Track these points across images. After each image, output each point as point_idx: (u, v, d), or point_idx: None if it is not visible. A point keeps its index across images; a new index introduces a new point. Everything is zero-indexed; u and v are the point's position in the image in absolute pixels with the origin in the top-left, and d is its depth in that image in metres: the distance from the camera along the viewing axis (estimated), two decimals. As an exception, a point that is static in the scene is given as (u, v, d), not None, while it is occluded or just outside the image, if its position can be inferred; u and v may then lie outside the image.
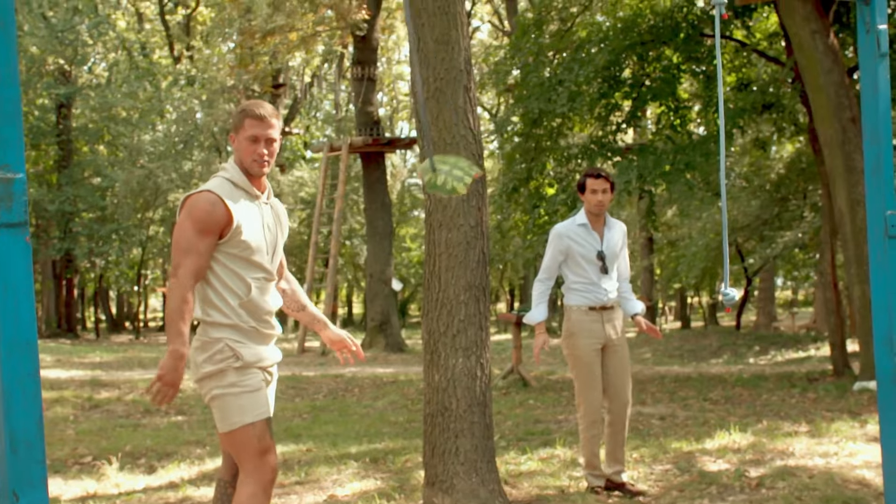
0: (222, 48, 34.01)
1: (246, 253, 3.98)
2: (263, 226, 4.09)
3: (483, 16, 40.44)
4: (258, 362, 4.02)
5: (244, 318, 3.99)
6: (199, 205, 3.92)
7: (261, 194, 4.13)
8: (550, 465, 7.18)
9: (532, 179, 15.58)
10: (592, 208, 6.08)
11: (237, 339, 3.97)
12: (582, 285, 6.07)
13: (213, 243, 3.93)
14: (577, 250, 6.05)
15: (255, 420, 3.95)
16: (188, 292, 3.84)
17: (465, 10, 5.87)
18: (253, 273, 4.02)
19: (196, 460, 7.97)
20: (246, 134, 4.03)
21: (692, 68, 16.26)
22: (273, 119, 4.06)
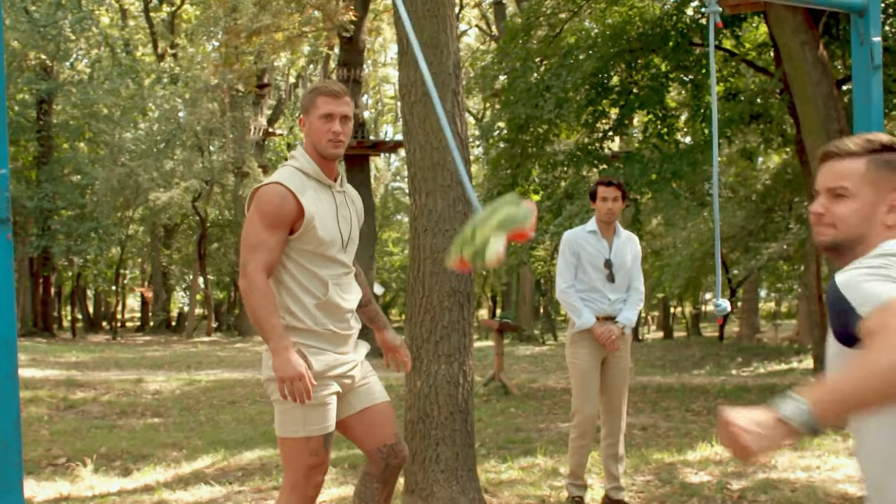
0: (207, 47, 33.86)
1: (321, 248, 3.79)
2: (338, 217, 3.88)
3: (471, 20, 40.43)
4: (329, 371, 3.82)
5: (320, 320, 3.81)
6: (267, 198, 3.72)
7: (334, 182, 3.92)
8: (531, 474, 7.11)
9: (517, 186, 15.51)
10: (603, 216, 6.05)
11: (312, 345, 3.80)
12: (586, 293, 6.02)
13: (283, 238, 3.73)
14: (585, 256, 6.02)
15: (314, 434, 3.79)
16: (266, 287, 3.65)
17: (455, 14, 5.80)
18: (330, 269, 3.83)
19: (172, 463, 7.88)
20: (319, 112, 3.82)
21: (680, 77, 16.25)
22: (346, 96, 3.87)
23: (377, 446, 4.01)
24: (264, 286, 3.66)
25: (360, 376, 4.02)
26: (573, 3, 16.95)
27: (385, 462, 4.02)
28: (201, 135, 31.37)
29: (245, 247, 3.73)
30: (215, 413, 11.51)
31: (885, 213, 2.24)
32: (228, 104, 30.90)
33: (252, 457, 8.17)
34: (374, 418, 4.02)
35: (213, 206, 33.98)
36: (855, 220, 2.26)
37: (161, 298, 37.47)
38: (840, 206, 2.27)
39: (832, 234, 2.29)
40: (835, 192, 2.29)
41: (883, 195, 2.25)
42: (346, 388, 3.95)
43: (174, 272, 38.23)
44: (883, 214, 2.24)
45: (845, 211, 2.27)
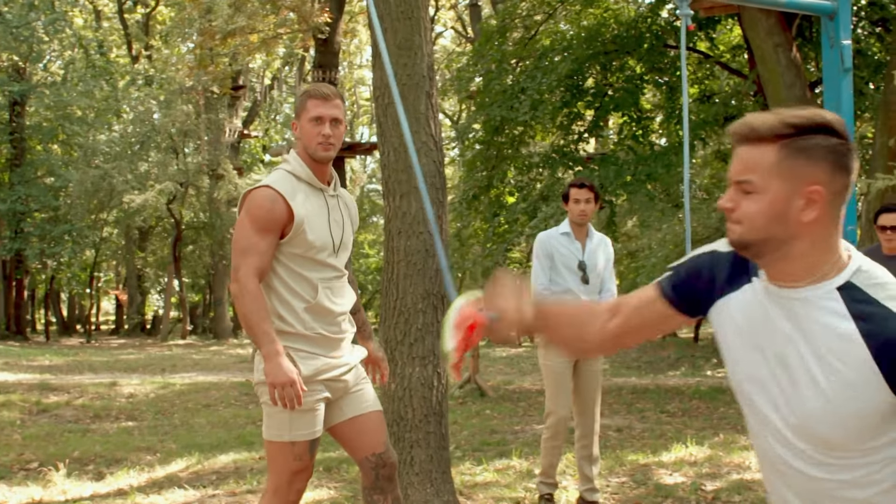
0: (181, 48, 33.73)
1: (311, 252, 3.78)
2: (330, 220, 3.87)
3: (446, 21, 40.43)
4: (319, 375, 3.81)
5: (309, 324, 3.79)
6: (258, 202, 3.73)
7: (326, 186, 3.92)
8: (506, 476, 7.10)
9: (493, 187, 15.53)
10: (576, 218, 6.07)
11: (301, 349, 3.79)
12: (560, 295, 6.03)
13: (274, 242, 3.72)
14: (559, 258, 6.03)
15: (299, 439, 3.79)
16: (257, 291, 3.65)
17: (429, 16, 5.80)
18: (320, 273, 3.82)
19: (146, 467, 7.82)
20: (309, 115, 3.83)
21: (655, 79, 16.33)
22: (337, 99, 3.87)
23: (365, 455, 4.01)
24: (255, 290, 3.66)
25: (353, 381, 4.00)
26: (548, 5, 17.00)
27: (375, 472, 4.01)
28: (176, 137, 31.21)
29: (236, 251, 3.73)
30: (190, 416, 11.45)
31: (801, 209, 1.91)
32: (203, 106, 30.77)
33: (226, 460, 8.13)
34: (363, 426, 4.01)
35: (187, 209, 33.79)
36: (762, 221, 1.93)
37: (136, 301, 37.29)
38: (747, 202, 1.95)
39: (739, 231, 1.99)
40: (743, 187, 1.97)
41: (798, 188, 1.90)
42: (338, 392, 3.94)
43: (149, 275, 38.02)
44: (798, 211, 1.91)
45: (752, 209, 1.95)
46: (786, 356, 1.98)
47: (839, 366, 1.88)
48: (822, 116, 1.91)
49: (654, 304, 2.24)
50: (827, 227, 1.91)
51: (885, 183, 10.26)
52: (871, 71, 15.85)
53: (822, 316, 1.92)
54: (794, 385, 1.97)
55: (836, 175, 1.89)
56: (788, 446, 2.02)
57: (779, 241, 1.94)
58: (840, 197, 1.92)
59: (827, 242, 1.93)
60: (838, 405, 1.89)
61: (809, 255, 1.93)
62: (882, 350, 1.83)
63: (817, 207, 1.89)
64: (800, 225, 1.90)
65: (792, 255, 1.94)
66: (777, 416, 2.03)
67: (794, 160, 1.89)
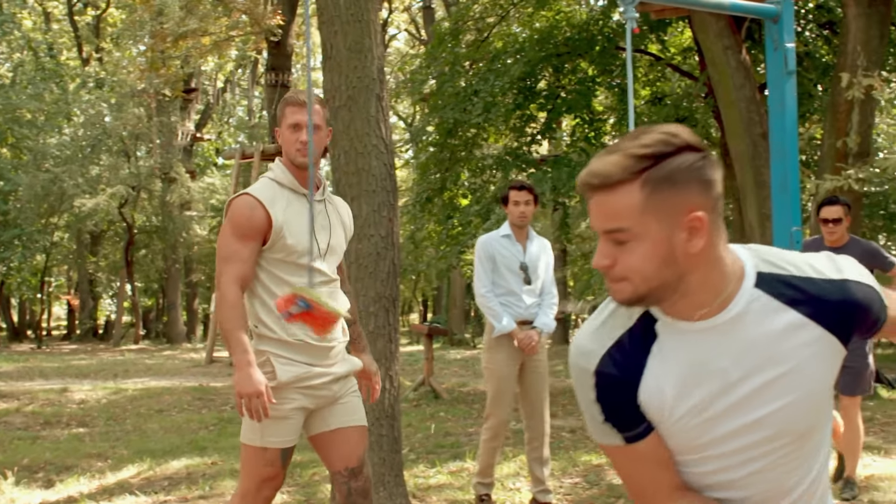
0: (133, 51, 33.42)
1: (292, 257, 3.77)
2: (314, 225, 3.86)
3: (400, 24, 40.41)
4: (298, 382, 3.78)
5: (291, 330, 3.76)
6: (238, 209, 3.74)
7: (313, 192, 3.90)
8: (460, 479, 7.11)
9: (446, 190, 15.54)
10: (516, 220, 6.10)
11: (281, 355, 3.77)
12: (504, 297, 6.05)
13: (256, 249, 3.73)
14: (501, 260, 6.05)
15: (271, 446, 3.77)
16: (235, 299, 3.66)
17: (381, 19, 5.80)
18: (303, 278, 3.80)
19: (97, 474, 7.75)
20: (287, 122, 3.85)
21: (607, 81, 16.42)
22: (315, 105, 3.85)
23: (339, 469, 3.98)
24: (234, 298, 3.66)
25: (340, 392, 3.97)
26: (501, 7, 17.05)
27: (347, 486, 3.98)
28: (128, 140, 30.92)
29: (218, 259, 3.74)
30: (142, 422, 11.34)
31: (687, 241, 1.70)
32: (155, 109, 30.52)
33: (179, 466, 8.07)
34: (342, 440, 3.98)
35: (140, 213, 33.49)
36: (651, 269, 1.72)
37: (88, 306, 36.87)
38: (626, 254, 1.72)
39: (630, 289, 1.76)
40: (615, 237, 1.73)
41: (676, 221, 1.69)
42: (322, 402, 3.91)
43: (101, 279, 37.61)
44: (684, 244, 1.70)
45: (635, 260, 1.72)
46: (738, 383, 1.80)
47: (797, 359, 1.79)
48: (672, 137, 1.71)
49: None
50: (717, 245, 1.74)
51: (833, 183, 10.41)
52: (819, 73, 16.07)
53: (757, 322, 1.78)
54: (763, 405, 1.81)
55: (707, 191, 1.71)
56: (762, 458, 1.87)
57: (674, 283, 1.74)
58: (717, 209, 1.74)
59: (722, 258, 1.76)
60: (810, 394, 1.83)
61: (709, 280, 1.76)
62: (830, 318, 1.79)
63: (702, 233, 1.70)
64: (690, 258, 1.71)
65: (692, 289, 1.75)
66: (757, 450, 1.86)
67: (661, 193, 1.68)
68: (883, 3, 11.60)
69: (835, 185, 10.39)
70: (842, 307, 1.80)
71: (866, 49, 11.46)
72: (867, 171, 10.56)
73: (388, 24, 36.82)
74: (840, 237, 6.28)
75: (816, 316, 1.79)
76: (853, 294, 1.81)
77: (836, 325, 1.80)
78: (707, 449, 1.86)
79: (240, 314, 3.66)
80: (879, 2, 11.53)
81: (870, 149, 11.84)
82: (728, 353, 1.80)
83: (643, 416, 1.86)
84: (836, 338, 1.81)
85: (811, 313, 1.79)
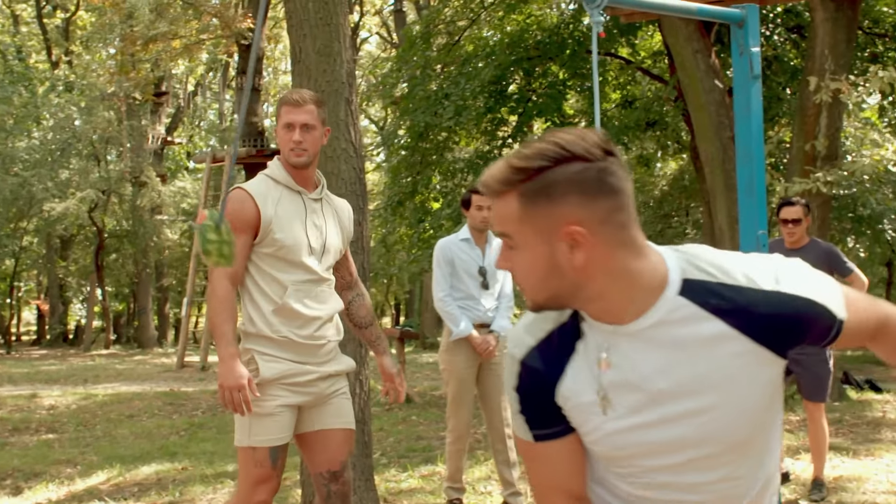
0: (103, 54, 33.22)
1: (281, 252, 3.78)
2: (306, 223, 3.86)
3: (371, 27, 40.38)
4: (283, 379, 3.78)
5: (276, 326, 3.77)
6: (230, 204, 3.74)
7: (304, 189, 3.92)
8: (431, 483, 7.12)
9: (417, 193, 15.55)
10: (477, 224, 6.12)
11: (265, 352, 3.78)
12: (462, 301, 6.07)
13: (246, 243, 3.75)
14: (460, 264, 6.06)
15: (258, 445, 3.76)
16: (224, 293, 3.69)
17: (352, 22, 5.79)
18: (293, 274, 3.80)
19: (66, 480, 7.71)
20: (282, 122, 3.87)
21: (578, 84, 16.48)
22: (310, 104, 3.87)
23: (320, 471, 3.97)
24: (223, 292, 3.70)
25: (328, 391, 3.96)
26: (471, 11, 17.08)
27: (326, 488, 3.97)
28: (98, 144, 30.71)
29: None
30: (112, 427, 11.28)
31: (568, 253, 1.63)
32: (125, 112, 30.33)
33: (149, 471, 8.03)
34: (326, 441, 3.97)
35: (110, 217, 33.26)
36: (535, 279, 1.68)
37: (58, 311, 36.58)
38: (516, 259, 1.69)
39: (527, 294, 1.73)
40: (506, 242, 1.71)
41: (553, 234, 1.63)
42: (311, 400, 3.91)
43: (71, 284, 37.33)
44: (566, 256, 1.63)
45: (521, 269, 1.69)
46: (662, 392, 1.73)
47: (724, 370, 1.70)
48: (556, 148, 1.62)
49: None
50: (614, 256, 1.64)
51: (802, 186, 10.48)
52: (788, 77, 16.20)
53: (681, 330, 1.69)
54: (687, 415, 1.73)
55: (591, 203, 1.62)
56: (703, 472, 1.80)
57: (570, 292, 1.68)
58: (611, 220, 1.63)
59: (627, 268, 1.66)
60: (740, 405, 1.73)
61: (615, 288, 1.67)
62: (759, 330, 1.68)
63: (584, 247, 1.62)
64: (577, 270, 1.64)
65: (596, 297, 1.68)
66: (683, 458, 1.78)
67: (536, 205, 1.63)
68: (850, 8, 11.69)
69: (804, 188, 10.46)
70: (772, 320, 1.68)
71: (834, 53, 11.55)
72: (835, 173, 10.64)
73: (359, 27, 36.78)
74: (800, 238, 6.33)
75: (744, 327, 1.68)
76: (785, 307, 1.69)
77: (767, 338, 1.70)
78: (634, 459, 1.80)
79: (227, 308, 3.69)
80: (846, 6, 11.62)
81: (838, 152, 11.93)
82: (650, 361, 1.71)
83: (561, 418, 1.82)
84: (769, 350, 1.71)
85: (738, 324, 1.68)
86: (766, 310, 1.68)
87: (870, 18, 15.62)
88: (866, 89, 10.81)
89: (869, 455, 7.82)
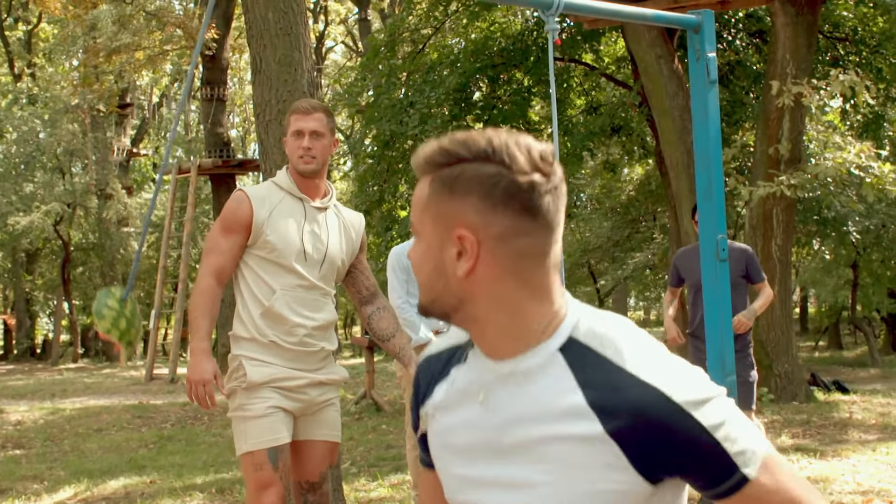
0: (66, 66, 32.98)
1: (273, 255, 3.78)
2: (302, 230, 3.85)
3: (337, 36, 40.35)
4: (272, 382, 3.77)
5: (263, 330, 3.78)
6: (227, 204, 3.83)
7: (308, 198, 3.92)
8: (401, 492, 7.11)
9: (385, 202, 15.55)
10: None
11: (252, 356, 3.78)
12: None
13: (238, 244, 3.79)
14: None
15: (255, 449, 3.74)
16: (206, 288, 3.74)
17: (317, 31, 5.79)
18: (283, 278, 3.80)
19: (33, 496, 7.64)
20: (291, 130, 3.89)
21: (542, 91, 16.54)
22: (319, 112, 3.89)
23: (299, 480, 3.98)
24: (205, 287, 3.75)
25: (319, 399, 3.96)
26: (436, 19, 17.11)
27: (304, 497, 3.98)
28: (62, 156, 30.48)
29: (204, 250, 3.85)
30: (81, 442, 11.18)
31: (454, 258, 1.44)
32: (90, 125, 30.12)
33: (117, 485, 7.97)
34: (310, 452, 3.98)
35: (76, 230, 33.02)
36: (423, 274, 1.51)
37: (24, 325, 36.25)
38: (416, 247, 1.52)
39: (419, 293, 1.55)
40: (412, 228, 1.54)
41: (446, 230, 1.45)
42: (302, 407, 3.90)
43: (38, 298, 37.02)
44: (452, 261, 1.45)
45: (416, 258, 1.52)
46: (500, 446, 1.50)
47: (564, 448, 1.42)
48: (482, 141, 1.44)
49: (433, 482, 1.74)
50: (503, 282, 1.44)
51: (767, 190, 10.56)
52: (751, 81, 16.34)
53: (543, 389, 1.46)
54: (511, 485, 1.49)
55: (490, 213, 1.41)
56: None
57: (451, 303, 1.49)
58: (511, 242, 1.42)
59: (513, 302, 1.45)
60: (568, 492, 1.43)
61: (496, 320, 1.47)
62: (618, 427, 1.39)
63: (470, 257, 1.43)
64: (462, 282, 1.45)
65: (473, 319, 1.49)
66: None
67: (440, 196, 1.45)
68: (810, 13, 11.82)
69: (768, 192, 10.55)
70: (639, 420, 1.38)
71: (795, 57, 11.67)
72: (799, 176, 10.73)
73: (324, 36, 36.74)
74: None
75: (606, 417, 1.40)
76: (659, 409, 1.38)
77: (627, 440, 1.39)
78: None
79: (207, 303, 3.73)
80: (807, 11, 11.75)
81: (801, 155, 12.04)
82: (503, 408, 1.49)
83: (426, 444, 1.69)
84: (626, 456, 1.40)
85: (601, 409, 1.40)
86: (633, 403, 1.39)
87: (830, 23, 15.78)
88: (828, 93, 10.92)
89: (836, 456, 7.89)
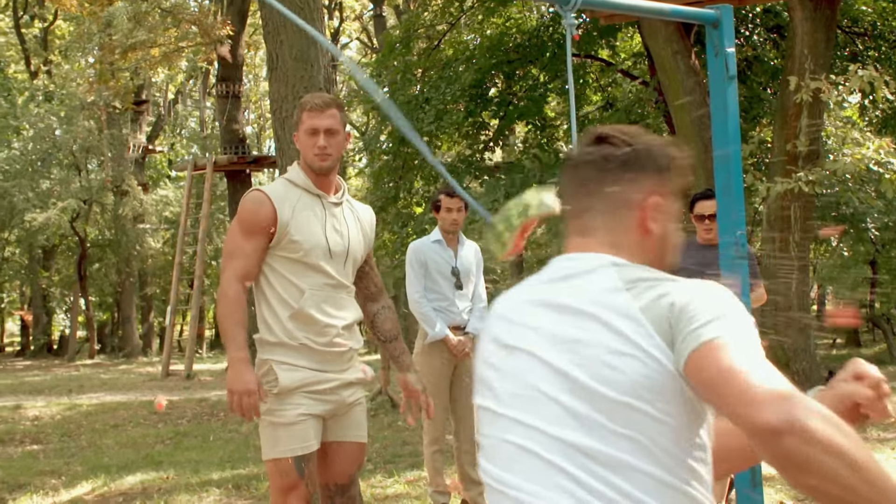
0: (82, 63, 33.08)
1: (299, 255, 3.70)
2: (325, 227, 3.79)
3: (352, 33, 40.36)
4: (303, 387, 3.71)
5: (293, 333, 3.70)
6: (245, 205, 3.72)
7: (325, 194, 3.85)
8: (417, 488, 7.10)
9: (400, 198, 15.54)
10: (448, 226, 6.15)
11: (282, 360, 3.70)
12: (437, 302, 6.08)
13: (261, 246, 3.69)
14: (433, 265, 6.09)
15: (282, 456, 3.69)
16: (235, 295, 3.63)
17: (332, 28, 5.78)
18: (311, 278, 3.73)
19: (51, 491, 7.66)
20: (304, 127, 3.80)
21: (558, 87, 16.50)
22: (333, 108, 3.81)
23: (327, 482, 3.93)
24: (234, 295, 3.64)
25: (349, 400, 3.91)
26: (451, 15, 17.08)
27: (331, 500, 3.94)
28: (78, 153, 30.59)
29: (224, 254, 3.76)
30: (97, 437, 11.22)
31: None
32: (106, 122, 30.24)
33: (134, 481, 7.99)
34: (339, 454, 3.92)
35: (92, 226, 33.13)
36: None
37: (41, 322, 36.41)
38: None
39: None
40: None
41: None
42: (333, 408, 3.84)
43: (54, 294, 37.17)
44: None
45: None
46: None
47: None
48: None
49: None
50: None
51: (784, 187, 10.50)
52: (768, 77, 16.25)
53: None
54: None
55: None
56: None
57: None
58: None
59: None
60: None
61: None
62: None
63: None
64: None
65: None
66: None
67: None
68: (828, 7, 11.74)
69: (786, 188, 10.49)
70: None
71: (813, 52, 11.59)
72: (817, 173, 10.66)
73: (340, 32, 36.74)
74: (716, 235, 6.07)
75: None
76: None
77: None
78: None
79: (238, 310, 3.63)
80: (825, 5, 11.67)
81: (819, 151, 11.97)
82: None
83: None
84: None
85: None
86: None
87: (848, 17, 15.69)
88: (846, 88, 10.84)
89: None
